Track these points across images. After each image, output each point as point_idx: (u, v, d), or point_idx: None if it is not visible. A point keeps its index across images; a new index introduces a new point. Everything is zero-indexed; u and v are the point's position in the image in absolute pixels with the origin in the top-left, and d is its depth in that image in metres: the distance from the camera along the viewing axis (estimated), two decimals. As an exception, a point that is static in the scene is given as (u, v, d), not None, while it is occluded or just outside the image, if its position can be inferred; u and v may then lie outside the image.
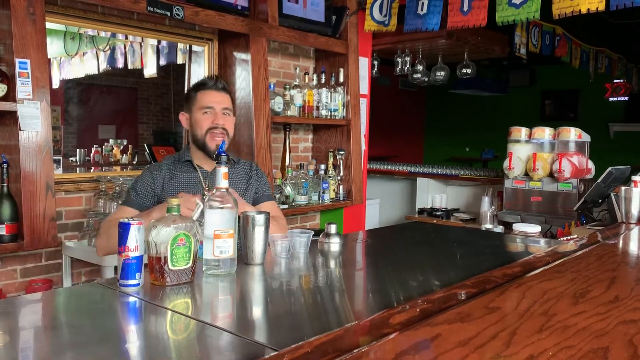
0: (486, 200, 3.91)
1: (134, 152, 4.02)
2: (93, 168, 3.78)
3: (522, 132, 3.77)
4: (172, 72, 4.06)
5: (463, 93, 8.33)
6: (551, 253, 1.65)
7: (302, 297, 1.39)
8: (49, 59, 2.82)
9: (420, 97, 9.81)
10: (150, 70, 3.83)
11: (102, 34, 3.11)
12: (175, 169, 2.10)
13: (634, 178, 2.41)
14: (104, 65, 3.97)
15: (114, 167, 3.89)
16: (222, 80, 2.19)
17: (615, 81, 7.38)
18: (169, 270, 1.33)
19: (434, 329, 0.93)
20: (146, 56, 3.80)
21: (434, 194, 4.89)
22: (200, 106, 2.07)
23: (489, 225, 3.16)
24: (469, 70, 4.82)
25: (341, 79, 3.66)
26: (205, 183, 2.07)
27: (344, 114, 3.71)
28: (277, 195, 3.29)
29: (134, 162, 3.89)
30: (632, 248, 1.99)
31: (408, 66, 4.79)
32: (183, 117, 2.15)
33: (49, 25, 2.53)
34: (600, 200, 3.02)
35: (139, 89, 4.61)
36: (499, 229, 3.01)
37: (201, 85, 2.12)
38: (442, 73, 4.87)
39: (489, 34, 4.50)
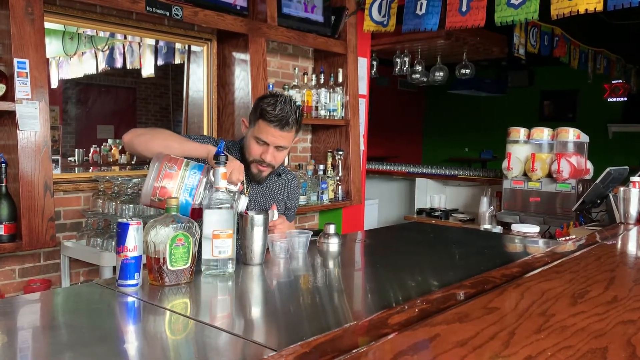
0: (485, 200, 3.91)
1: (132, 152, 4.01)
2: (91, 168, 3.78)
3: (520, 132, 3.77)
4: (171, 72, 4.06)
5: (462, 93, 8.34)
6: (550, 253, 1.65)
7: (300, 297, 1.39)
8: (48, 59, 2.82)
9: (419, 97, 9.82)
10: (147, 71, 3.83)
11: (101, 34, 3.11)
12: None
13: (633, 179, 2.41)
14: (102, 65, 3.96)
15: (113, 167, 3.88)
16: (295, 109, 1.90)
17: (613, 82, 7.39)
18: (167, 271, 1.33)
19: (432, 330, 0.93)
20: (144, 56, 3.80)
21: (433, 195, 4.89)
22: (256, 135, 1.90)
23: (487, 226, 3.16)
24: (467, 71, 4.83)
25: (340, 79, 3.66)
26: (245, 183, 2.03)
27: (343, 114, 3.71)
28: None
29: (133, 162, 3.89)
30: (631, 248, 1.99)
31: (407, 66, 4.79)
32: (243, 124, 2.02)
33: (47, 25, 2.52)
34: (598, 201, 3.02)
35: (137, 89, 4.61)
36: (498, 229, 3.00)
37: (268, 114, 1.86)
38: (441, 73, 4.87)
39: (487, 35, 4.51)
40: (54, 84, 3.96)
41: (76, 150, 3.83)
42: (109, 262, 2.46)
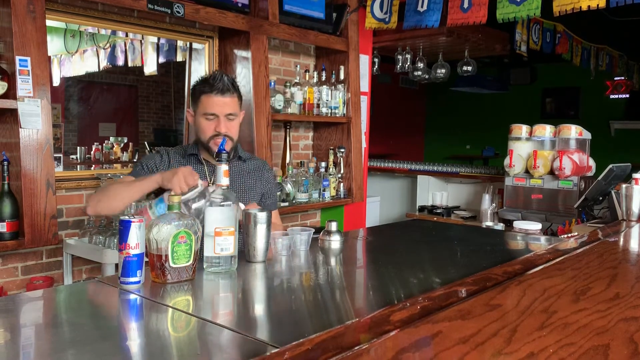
0: (487, 197, 3.91)
1: (134, 150, 4.02)
2: (94, 166, 3.78)
3: (522, 129, 3.76)
4: (173, 70, 4.06)
5: (464, 91, 8.32)
6: (552, 250, 1.65)
7: (302, 294, 1.39)
8: (49, 57, 2.82)
9: (421, 94, 9.80)
10: (150, 68, 3.83)
11: (103, 31, 3.11)
12: (182, 159, 2.08)
13: (635, 175, 2.41)
14: (104, 63, 3.96)
15: (115, 165, 3.89)
16: (229, 77, 2.02)
17: (616, 79, 7.37)
18: (169, 268, 1.33)
19: (434, 327, 0.93)
20: (146, 54, 3.80)
21: (435, 192, 4.89)
22: (203, 112, 1.99)
23: (489, 223, 3.16)
24: (469, 68, 4.81)
25: (342, 77, 3.66)
26: (210, 177, 2.07)
27: (345, 112, 3.70)
28: (278, 193, 3.29)
29: (135, 160, 3.89)
30: (633, 245, 1.99)
31: (409, 64, 4.78)
32: (189, 115, 2.09)
33: (49, 22, 2.52)
34: (600, 198, 3.02)
35: (139, 86, 4.61)
36: (500, 226, 3.01)
37: (205, 87, 1.98)
38: (443, 71, 4.86)
39: (489, 32, 4.49)
40: (56, 82, 3.97)
41: (78, 148, 3.83)
42: (111, 259, 2.46)
